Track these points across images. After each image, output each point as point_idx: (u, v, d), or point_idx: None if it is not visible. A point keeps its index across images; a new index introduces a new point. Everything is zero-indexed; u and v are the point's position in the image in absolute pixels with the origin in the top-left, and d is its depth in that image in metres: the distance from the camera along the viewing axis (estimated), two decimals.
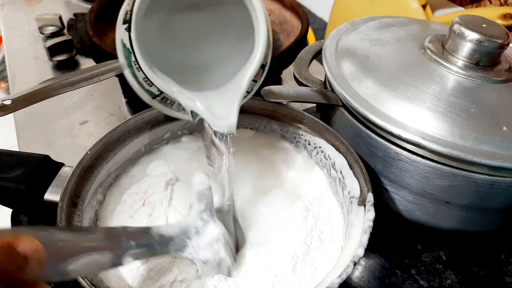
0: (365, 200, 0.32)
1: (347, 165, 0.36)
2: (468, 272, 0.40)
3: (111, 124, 0.55)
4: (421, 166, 0.35)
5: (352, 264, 0.27)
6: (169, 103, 0.34)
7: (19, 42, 0.73)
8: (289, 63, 0.52)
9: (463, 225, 0.38)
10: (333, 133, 0.38)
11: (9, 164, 0.34)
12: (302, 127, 0.41)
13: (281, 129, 0.42)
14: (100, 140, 0.36)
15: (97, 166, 0.36)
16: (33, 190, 0.33)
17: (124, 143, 0.38)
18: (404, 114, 0.35)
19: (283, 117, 0.42)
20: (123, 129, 0.38)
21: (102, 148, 0.36)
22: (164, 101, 0.34)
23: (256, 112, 0.42)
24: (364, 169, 0.34)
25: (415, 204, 0.37)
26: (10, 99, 0.37)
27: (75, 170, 0.33)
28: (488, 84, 0.37)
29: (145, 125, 0.40)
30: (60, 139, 0.52)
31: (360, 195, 0.33)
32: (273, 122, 0.42)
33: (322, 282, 0.28)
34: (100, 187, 0.36)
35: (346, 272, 0.27)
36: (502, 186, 0.33)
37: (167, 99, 0.33)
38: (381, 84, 0.37)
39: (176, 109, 0.35)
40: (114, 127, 0.38)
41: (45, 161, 0.35)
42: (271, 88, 0.40)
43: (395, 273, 0.39)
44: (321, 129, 0.39)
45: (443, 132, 0.33)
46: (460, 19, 0.38)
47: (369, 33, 0.44)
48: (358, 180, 0.34)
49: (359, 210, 0.32)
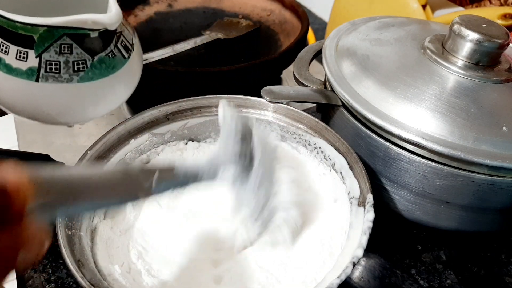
0: (365, 201, 0.32)
1: (347, 166, 0.36)
2: (468, 272, 0.40)
3: (111, 124, 0.55)
4: (421, 166, 0.35)
5: (351, 265, 0.27)
6: (55, 70, 0.32)
7: None
8: (289, 63, 0.52)
9: (463, 225, 0.38)
10: (333, 133, 0.38)
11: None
12: (302, 127, 0.41)
13: (281, 129, 0.42)
14: (100, 139, 0.36)
15: (97, 165, 0.35)
16: None
17: (124, 143, 0.38)
18: (404, 114, 0.35)
19: (283, 117, 0.41)
20: (123, 129, 0.38)
21: (102, 148, 0.36)
22: (50, 70, 0.32)
23: (257, 113, 0.42)
24: (364, 169, 0.34)
25: (415, 204, 0.38)
26: None
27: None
28: (488, 84, 0.37)
29: (145, 125, 0.40)
30: (60, 139, 0.52)
31: (360, 195, 0.33)
32: (273, 123, 0.42)
33: (321, 283, 0.28)
34: None
35: (345, 273, 0.27)
36: (502, 186, 0.33)
37: (52, 63, 0.32)
38: (381, 84, 0.37)
39: (66, 75, 0.32)
40: (114, 127, 0.38)
41: (46, 160, 0.35)
42: (271, 88, 0.40)
43: (395, 273, 0.39)
44: (321, 130, 0.39)
45: (443, 132, 0.33)
46: (460, 19, 0.38)
47: (369, 33, 0.44)
48: (358, 180, 0.34)
49: (359, 211, 0.32)
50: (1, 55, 0.31)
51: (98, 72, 0.33)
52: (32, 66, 0.31)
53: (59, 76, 0.32)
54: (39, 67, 0.32)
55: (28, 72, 0.32)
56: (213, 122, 0.42)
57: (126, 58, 0.35)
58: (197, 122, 0.42)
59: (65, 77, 0.32)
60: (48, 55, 0.31)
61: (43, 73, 0.32)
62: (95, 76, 0.33)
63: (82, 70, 0.32)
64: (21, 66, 0.31)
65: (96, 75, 0.33)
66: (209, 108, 0.42)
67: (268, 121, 0.42)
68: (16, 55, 0.31)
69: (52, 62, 0.32)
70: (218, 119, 0.31)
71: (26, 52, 0.31)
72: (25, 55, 0.31)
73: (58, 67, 0.32)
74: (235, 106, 0.40)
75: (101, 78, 0.33)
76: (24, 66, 0.31)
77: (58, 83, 0.32)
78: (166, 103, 0.40)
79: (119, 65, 0.35)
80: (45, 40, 0.31)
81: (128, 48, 0.35)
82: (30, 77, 0.32)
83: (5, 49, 0.31)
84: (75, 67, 0.32)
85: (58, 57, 0.31)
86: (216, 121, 0.41)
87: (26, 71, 0.31)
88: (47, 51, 0.31)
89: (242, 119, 0.31)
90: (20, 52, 0.31)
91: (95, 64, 0.33)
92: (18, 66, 0.31)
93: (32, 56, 0.31)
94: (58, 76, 0.32)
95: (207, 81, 0.41)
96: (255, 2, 0.64)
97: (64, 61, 0.32)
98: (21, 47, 0.31)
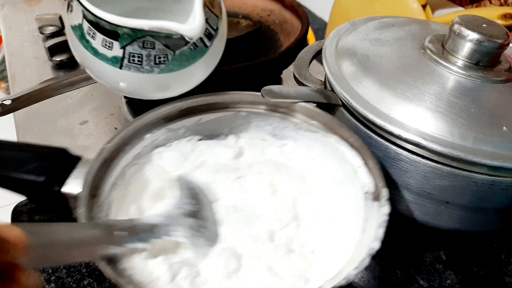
0: (380, 195, 0.32)
1: (361, 161, 0.36)
2: (468, 272, 0.40)
3: (111, 124, 0.55)
4: (421, 166, 0.35)
5: (369, 257, 0.28)
6: (137, 61, 0.33)
7: (19, 42, 0.73)
8: (289, 63, 0.52)
9: (463, 225, 0.38)
10: (346, 129, 0.38)
11: (27, 156, 0.35)
12: (315, 123, 0.41)
13: (295, 126, 0.42)
14: (117, 134, 0.37)
15: (115, 159, 0.36)
16: (51, 182, 0.33)
17: (140, 138, 0.39)
18: (404, 114, 0.35)
19: (296, 113, 0.42)
20: (139, 123, 0.39)
21: (120, 142, 0.37)
22: (133, 61, 0.33)
23: (270, 109, 0.42)
24: (378, 165, 0.34)
25: (415, 204, 0.37)
26: (10, 99, 0.37)
27: (95, 163, 0.34)
28: (488, 84, 0.37)
29: (160, 120, 0.40)
30: (60, 139, 0.52)
31: (375, 190, 0.34)
32: (287, 119, 0.42)
33: (338, 274, 0.28)
34: (118, 179, 0.36)
35: (362, 264, 0.27)
36: (502, 186, 0.33)
37: (134, 55, 0.33)
38: (381, 84, 0.37)
39: (148, 66, 0.34)
40: (130, 122, 0.38)
41: (63, 154, 0.35)
42: (271, 87, 0.40)
43: (395, 273, 0.39)
44: (334, 126, 0.39)
45: (443, 132, 0.33)
46: (460, 19, 0.38)
47: (369, 33, 0.44)
48: (372, 176, 0.35)
49: (374, 205, 0.33)
50: (89, 38, 0.33)
51: (178, 64, 0.34)
52: (117, 55, 0.33)
53: (141, 67, 0.34)
54: (122, 57, 0.33)
55: (112, 59, 0.33)
56: (225, 118, 0.43)
57: (208, 46, 0.36)
58: (211, 118, 0.42)
59: (147, 68, 0.34)
60: (132, 48, 0.33)
61: (126, 63, 0.33)
62: (175, 67, 0.34)
63: (163, 63, 0.34)
64: (106, 53, 0.33)
65: (176, 66, 0.34)
66: (222, 105, 0.42)
67: (281, 117, 0.42)
68: (102, 42, 0.33)
69: (135, 55, 0.33)
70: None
71: (112, 42, 0.33)
72: (110, 44, 0.33)
73: (141, 59, 0.33)
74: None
75: (181, 69, 0.34)
76: (110, 53, 0.33)
77: (140, 73, 0.34)
78: (181, 99, 0.40)
79: (200, 55, 0.35)
80: (128, 36, 0.32)
81: (212, 35, 0.35)
82: (114, 64, 0.33)
83: (93, 34, 0.33)
84: (157, 60, 0.33)
85: (141, 51, 0.33)
86: (228, 117, 0.42)
87: (111, 58, 0.33)
88: (130, 45, 0.33)
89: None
90: (105, 41, 0.33)
91: (175, 57, 0.34)
92: (103, 52, 0.33)
93: (117, 47, 0.33)
94: (140, 67, 0.34)
95: (207, 81, 0.41)
96: (255, 2, 0.64)
97: (147, 55, 0.33)
98: (107, 37, 0.32)
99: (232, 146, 0.42)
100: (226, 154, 0.42)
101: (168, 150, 0.40)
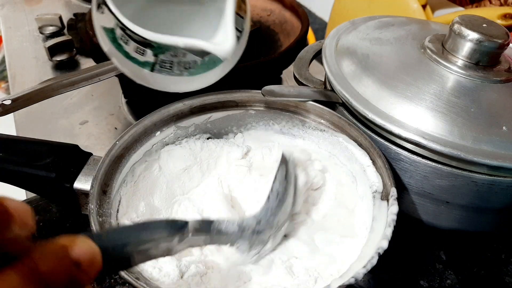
0: (388, 195, 0.32)
1: (369, 161, 0.36)
2: (468, 272, 0.40)
3: (111, 124, 0.55)
4: (421, 166, 0.35)
5: (377, 255, 0.28)
6: (168, 66, 0.34)
7: (19, 42, 0.73)
8: (289, 63, 0.52)
9: (463, 225, 0.38)
10: (355, 128, 0.38)
11: (39, 152, 0.35)
12: (324, 122, 0.41)
13: (303, 125, 0.42)
14: (128, 131, 0.37)
15: (125, 156, 0.37)
16: (62, 178, 0.34)
17: (150, 135, 0.39)
18: (404, 113, 0.35)
19: (305, 112, 0.42)
20: (150, 121, 0.39)
21: (130, 139, 0.37)
22: (164, 66, 0.34)
23: (279, 108, 0.43)
24: (387, 164, 0.34)
25: (415, 204, 0.37)
26: (10, 99, 0.37)
27: (105, 159, 0.34)
28: (488, 84, 0.37)
29: (170, 118, 0.40)
30: (60, 139, 0.52)
31: (383, 189, 0.34)
32: (295, 118, 0.42)
33: (347, 272, 0.28)
34: (128, 176, 0.37)
35: (371, 263, 0.27)
36: (502, 186, 0.33)
37: (166, 62, 0.34)
38: (381, 83, 0.37)
39: (177, 71, 0.35)
40: (141, 119, 0.39)
41: (74, 150, 0.36)
42: (271, 87, 0.40)
43: (395, 273, 0.39)
44: (343, 125, 0.39)
45: (443, 132, 0.33)
46: (460, 19, 0.38)
47: (369, 32, 0.44)
48: (381, 175, 0.35)
49: (382, 205, 0.33)
50: (121, 42, 0.33)
51: (205, 67, 0.35)
52: (148, 61, 0.34)
53: (171, 71, 0.34)
54: (154, 63, 0.34)
55: (144, 63, 0.34)
56: (234, 116, 0.43)
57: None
58: (220, 116, 0.43)
59: (176, 72, 0.34)
60: (164, 56, 0.33)
61: (158, 68, 0.34)
62: (202, 70, 0.35)
63: (192, 67, 0.35)
64: (138, 58, 0.33)
65: (203, 69, 0.35)
66: (231, 103, 0.42)
67: (289, 116, 0.42)
68: (135, 49, 0.33)
69: (167, 61, 0.34)
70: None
71: (144, 50, 0.33)
72: (143, 51, 0.33)
73: (171, 65, 0.34)
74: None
75: (207, 71, 0.35)
76: (142, 58, 0.33)
77: (169, 76, 0.35)
78: (191, 97, 0.41)
79: None
80: (162, 48, 0.33)
81: (238, 38, 0.36)
82: (145, 66, 0.34)
83: (126, 40, 0.33)
84: (186, 65, 0.34)
85: (173, 59, 0.34)
86: (237, 115, 0.43)
87: (143, 62, 0.34)
88: (163, 54, 0.33)
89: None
90: (138, 48, 0.33)
91: (204, 61, 0.35)
92: (135, 56, 0.33)
93: (150, 54, 0.33)
94: (170, 71, 0.34)
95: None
96: (255, 2, 0.64)
97: (177, 62, 0.34)
98: (141, 45, 0.33)
99: (240, 145, 0.43)
100: (235, 152, 0.42)
101: (178, 148, 0.41)
